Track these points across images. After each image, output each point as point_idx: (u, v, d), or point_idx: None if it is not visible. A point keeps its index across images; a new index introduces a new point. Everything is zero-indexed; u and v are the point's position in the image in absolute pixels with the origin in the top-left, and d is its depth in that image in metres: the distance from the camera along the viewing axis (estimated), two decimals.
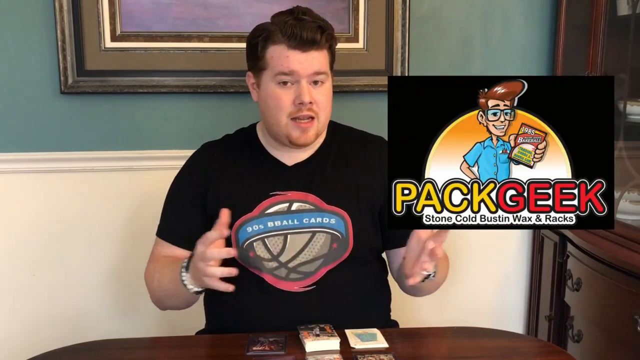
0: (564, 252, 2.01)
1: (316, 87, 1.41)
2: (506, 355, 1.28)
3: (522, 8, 2.14)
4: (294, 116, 1.40)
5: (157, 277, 1.45)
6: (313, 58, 1.38)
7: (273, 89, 1.41)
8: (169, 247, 1.48)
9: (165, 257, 1.47)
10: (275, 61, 1.39)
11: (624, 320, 1.62)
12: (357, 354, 1.24)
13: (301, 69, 1.38)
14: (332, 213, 1.44)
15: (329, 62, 1.44)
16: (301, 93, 1.38)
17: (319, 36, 1.37)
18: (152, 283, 1.47)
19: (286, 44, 1.37)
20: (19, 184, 1.97)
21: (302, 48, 1.37)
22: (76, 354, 1.30)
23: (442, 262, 1.41)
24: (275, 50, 1.39)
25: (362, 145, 1.54)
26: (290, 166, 1.49)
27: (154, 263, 1.49)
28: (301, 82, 1.38)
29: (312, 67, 1.38)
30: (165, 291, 1.43)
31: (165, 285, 1.42)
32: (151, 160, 2.00)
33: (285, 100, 1.40)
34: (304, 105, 1.39)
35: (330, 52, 1.44)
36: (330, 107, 1.46)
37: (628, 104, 1.84)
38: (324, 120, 1.44)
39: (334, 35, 1.44)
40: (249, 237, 1.43)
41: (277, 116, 1.41)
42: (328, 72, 1.43)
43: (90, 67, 1.92)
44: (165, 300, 1.47)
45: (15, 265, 2.00)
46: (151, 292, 1.49)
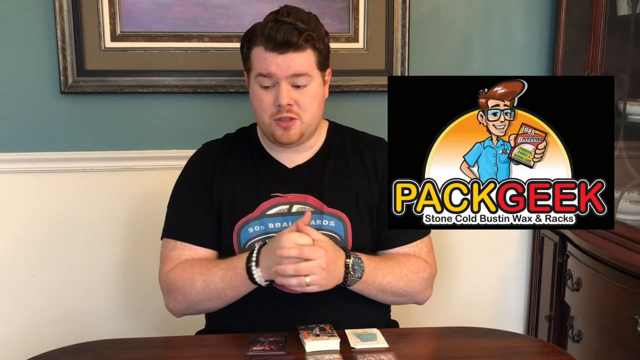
0: (564, 252, 2.01)
1: (299, 89, 1.40)
2: (506, 355, 1.28)
3: (522, 8, 2.14)
4: (276, 117, 1.41)
5: (201, 280, 1.39)
6: (290, 60, 1.37)
7: (256, 90, 1.43)
8: (191, 248, 1.45)
9: (196, 260, 1.43)
10: (255, 63, 1.41)
11: (624, 320, 1.62)
12: (357, 354, 1.24)
13: (278, 71, 1.38)
14: (331, 215, 1.44)
15: (317, 62, 1.42)
16: (279, 95, 1.39)
17: (295, 38, 1.36)
18: (191, 288, 1.40)
19: (264, 46, 1.38)
20: (19, 184, 1.97)
21: (279, 50, 1.37)
22: (76, 354, 1.30)
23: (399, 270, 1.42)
24: (255, 52, 1.41)
25: (362, 147, 1.54)
26: (290, 168, 1.49)
27: (184, 267, 1.43)
28: (281, 83, 1.39)
29: (290, 69, 1.38)
30: (214, 292, 1.39)
31: (218, 285, 1.38)
32: (151, 160, 2.00)
33: (266, 102, 1.41)
34: (283, 107, 1.39)
35: (316, 52, 1.41)
36: (318, 108, 1.45)
37: (628, 104, 1.84)
38: (308, 121, 1.43)
39: (319, 35, 1.42)
40: (251, 238, 1.43)
41: (261, 116, 1.43)
42: (312, 73, 1.41)
43: (90, 67, 1.92)
44: (207, 302, 1.42)
45: (15, 266, 2.00)
46: (185, 296, 1.42)
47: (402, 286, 1.43)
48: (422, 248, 1.49)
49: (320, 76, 1.45)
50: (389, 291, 1.43)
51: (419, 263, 1.47)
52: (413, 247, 1.49)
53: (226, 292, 1.39)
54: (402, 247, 1.48)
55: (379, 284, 1.41)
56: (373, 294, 1.43)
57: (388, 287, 1.42)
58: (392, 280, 1.42)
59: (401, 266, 1.44)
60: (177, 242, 1.46)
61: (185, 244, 1.46)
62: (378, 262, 1.42)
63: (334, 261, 1.33)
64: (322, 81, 1.46)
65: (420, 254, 1.49)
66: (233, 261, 1.38)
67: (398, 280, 1.43)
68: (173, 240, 1.47)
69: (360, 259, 1.38)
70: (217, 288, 1.39)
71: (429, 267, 1.49)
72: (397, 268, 1.43)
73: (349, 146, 1.53)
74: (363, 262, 1.38)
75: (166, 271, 1.45)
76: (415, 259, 1.47)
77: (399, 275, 1.43)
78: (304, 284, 1.29)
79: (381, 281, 1.41)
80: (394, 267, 1.43)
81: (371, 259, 1.41)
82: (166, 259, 1.47)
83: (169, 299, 1.46)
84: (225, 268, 1.38)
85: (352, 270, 1.36)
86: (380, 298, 1.45)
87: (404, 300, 1.48)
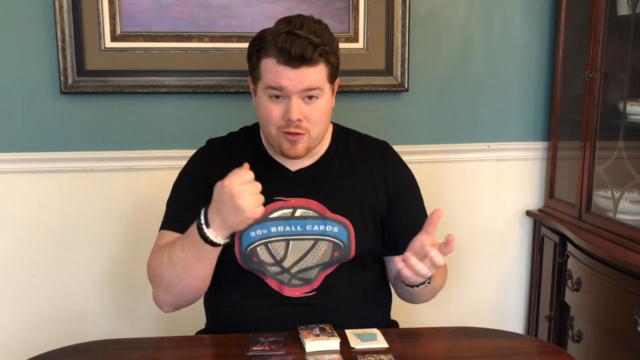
0: (564, 252, 2.01)
1: (309, 102, 1.37)
2: (506, 355, 1.28)
3: (522, 8, 2.14)
4: (283, 130, 1.38)
5: (166, 255, 1.35)
6: (303, 75, 1.33)
7: (265, 101, 1.39)
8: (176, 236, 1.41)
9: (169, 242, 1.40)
10: (266, 74, 1.36)
11: (624, 320, 1.62)
12: (357, 354, 1.24)
13: (290, 85, 1.34)
14: (335, 221, 1.43)
15: (328, 76, 1.38)
16: (290, 109, 1.35)
17: (310, 53, 1.32)
18: (161, 266, 1.36)
19: (277, 58, 1.33)
20: (19, 184, 1.97)
21: (292, 64, 1.32)
22: (76, 354, 1.30)
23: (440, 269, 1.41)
24: (267, 63, 1.36)
25: (366, 151, 1.52)
26: (294, 171, 1.48)
27: (159, 251, 1.40)
28: (292, 98, 1.35)
29: (302, 84, 1.34)
30: (178, 265, 1.33)
31: (179, 256, 1.32)
32: (151, 160, 2.00)
33: (275, 114, 1.37)
34: (292, 122, 1.36)
35: (328, 66, 1.38)
36: (326, 121, 1.43)
37: (628, 104, 1.84)
38: (316, 135, 1.41)
39: (332, 49, 1.38)
40: (253, 242, 1.42)
41: (268, 128, 1.40)
42: (323, 87, 1.38)
43: (90, 67, 1.92)
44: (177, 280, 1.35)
45: (15, 266, 2.00)
46: (159, 278, 1.37)
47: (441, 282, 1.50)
48: None
49: (330, 89, 1.42)
50: (435, 291, 1.49)
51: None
52: None
53: (190, 263, 1.32)
54: None
55: (433, 286, 1.43)
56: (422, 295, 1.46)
57: (437, 287, 1.48)
58: (441, 281, 1.49)
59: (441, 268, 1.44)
60: (167, 232, 1.43)
61: (173, 233, 1.42)
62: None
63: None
64: (332, 93, 1.44)
65: None
66: (190, 229, 1.32)
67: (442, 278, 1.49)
68: (167, 232, 1.44)
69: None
70: (179, 259, 1.32)
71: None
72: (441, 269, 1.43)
73: (354, 150, 1.52)
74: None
75: (148, 261, 1.42)
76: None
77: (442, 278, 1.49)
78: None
79: (434, 284, 1.44)
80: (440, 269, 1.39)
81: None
82: (153, 247, 1.44)
83: (154, 291, 1.42)
84: (184, 237, 1.33)
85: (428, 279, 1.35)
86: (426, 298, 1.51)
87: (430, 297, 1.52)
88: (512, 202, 2.25)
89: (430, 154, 2.14)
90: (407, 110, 2.11)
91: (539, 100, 2.20)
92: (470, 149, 2.18)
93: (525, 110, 2.20)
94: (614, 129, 1.89)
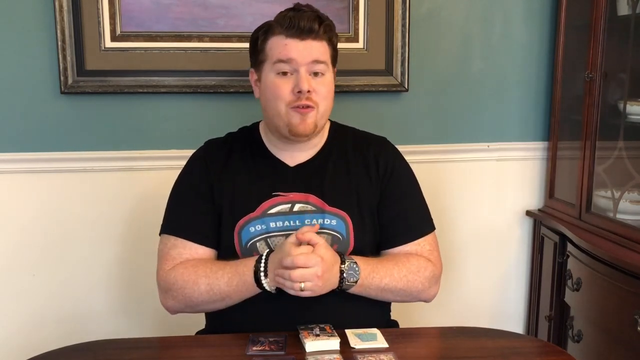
0: (564, 252, 2.01)
1: (316, 78, 1.42)
2: (506, 355, 1.28)
3: (522, 8, 2.14)
4: (293, 105, 1.41)
5: (203, 283, 1.38)
6: (311, 47, 1.40)
7: (272, 79, 1.43)
8: (191, 247, 1.44)
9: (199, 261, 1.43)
10: (274, 51, 1.42)
11: (624, 320, 1.62)
12: (357, 354, 1.24)
13: (299, 57, 1.39)
14: (333, 215, 1.44)
15: (330, 55, 1.45)
16: (300, 81, 1.40)
17: (316, 26, 1.40)
18: (194, 291, 1.39)
19: (285, 33, 1.40)
20: (19, 184, 1.97)
21: (300, 36, 1.39)
22: (76, 354, 1.30)
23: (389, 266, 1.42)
24: (273, 41, 1.42)
25: (363, 145, 1.54)
26: (292, 167, 1.49)
27: (185, 267, 1.41)
28: (300, 70, 1.40)
29: (311, 55, 1.40)
30: (217, 295, 1.38)
31: (222, 289, 1.38)
32: (151, 160, 2.00)
33: (284, 89, 1.41)
34: (303, 93, 1.40)
35: (330, 45, 1.45)
36: (331, 100, 1.46)
37: (628, 104, 1.84)
38: (323, 111, 1.44)
39: (334, 29, 1.46)
40: (252, 237, 1.43)
41: (277, 106, 1.42)
42: (328, 62, 1.44)
43: (90, 67, 1.92)
44: (210, 307, 1.42)
45: (15, 266, 2.00)
46: (185, 298, 1.41)
47: (402, 286, 1.43)
48: (424, 246, 1.49)
49: (332, 71, 1.47)
50: (388, 292, 1.43)
51: (420, 262, 1.46)
52: (414, 246, 1.48)
53: (230, 296, 1.39)
54: (403, 246, 1.48)
55: (377, 286, 1.41)
56: (372, 295, 1.43)
57: (387, 288, 1.42)
58: (390, 281, 1.42)
59: (400, 267, 1.43)
60: (177, 240, 1.45)
61: (185, 241, 1.45)
62: (375, 264, 1.42)
63: (330, 268, 1.33)
64: (333, 76, 1.48)
65: (422, 252, 1.48)
66: (239, 267, 1.37)
67: (397, 281, 1.43)
68: (173, 238, 1.45)
69: (355, 263, 1.38)
70: (221, 291, 1.38)
71: (431, 265, 1.48)
72: (396, 269, 1.43)
73: (350, 145, 1.53)
74: (359, 266, 1.38)
75: (166, 270, 1.44)
76: (416, 258, 1.47)
77: (397, 276, 1.43)
78: (298, 289, 1.30)
79: (379, 283, 1.41)
80: (392, 268, 1.43)
81: (368, 261, 1.41)
82: (166, 257, 1.45)
83: (166, 297, 1.45)
84: (232, 273, 1.37)
85: (346, 276, 1.36)
86: (381, 298, 1.45)
87: (407, 298, 1.48)
88: (512, 202, 2.25)
89: (430, 154, 2.14)
90: (407, 110, 2.11)
91: (539, 100, 2.20)
92: (470, 149, 2.18)
93: (525, 110, 2.20)
94: (614, 129, 1.89)
